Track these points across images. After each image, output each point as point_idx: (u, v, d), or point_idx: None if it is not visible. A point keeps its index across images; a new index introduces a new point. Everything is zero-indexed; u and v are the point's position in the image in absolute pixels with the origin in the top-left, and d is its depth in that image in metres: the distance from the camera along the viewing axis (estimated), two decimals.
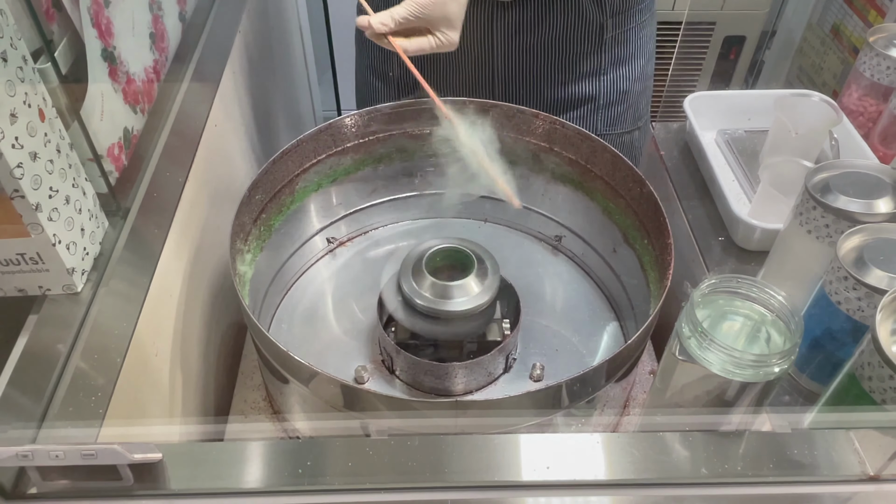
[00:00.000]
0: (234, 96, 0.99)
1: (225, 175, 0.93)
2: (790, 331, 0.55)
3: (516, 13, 0.89)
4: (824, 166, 0.69)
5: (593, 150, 0.85)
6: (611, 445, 0.52)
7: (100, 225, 0.65)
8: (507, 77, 0.93)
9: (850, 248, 0.62)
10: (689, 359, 0.55)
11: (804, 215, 0.68)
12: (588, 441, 0.52)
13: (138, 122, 0.73)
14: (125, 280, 0.66)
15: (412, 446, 0.52)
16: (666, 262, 0.72)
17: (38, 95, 0.55)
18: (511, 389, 0.80)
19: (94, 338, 0.61)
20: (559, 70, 0.93)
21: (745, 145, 0.94)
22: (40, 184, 0.55)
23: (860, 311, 0.61)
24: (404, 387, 0.80)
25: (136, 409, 0.64)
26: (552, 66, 0.92)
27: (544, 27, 0.89)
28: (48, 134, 0.56)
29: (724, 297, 0.58)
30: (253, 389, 0.83)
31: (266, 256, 0.84)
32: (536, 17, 0.88)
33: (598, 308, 0.90)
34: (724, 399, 0.55)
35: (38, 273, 0.60)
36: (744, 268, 0.82)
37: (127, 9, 0.70)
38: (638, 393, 0.83)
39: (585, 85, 0.94)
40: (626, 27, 0.91)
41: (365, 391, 0.62)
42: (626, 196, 0.83)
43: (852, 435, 0.53)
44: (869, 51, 0.89)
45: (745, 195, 0.88)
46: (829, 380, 0.64)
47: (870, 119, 0.92)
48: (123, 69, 0.69)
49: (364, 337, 0.86)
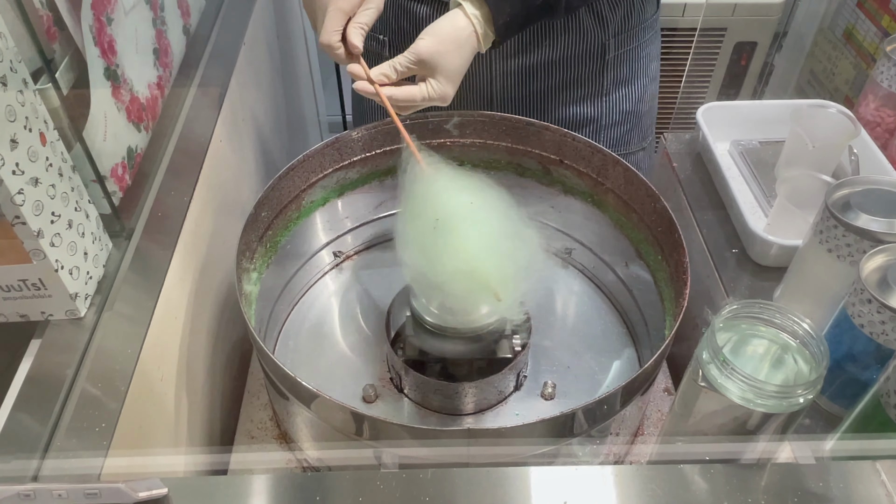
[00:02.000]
0: (239, 109, 0.97)
1: (231, 190, 0.91)
2: (815, 359, 0.53)
3: None
4: (845, 182, 0.67)
5: (604, 163, 0.83)
6: (630, 478, 0.51)
7: (103, 247, 0.64)
8: (507, 97, 0.91)
9: (873, 269, 0.60)
10: (709, 386, 0.54)
11: (824, 234, 0.66)
12: (606, 474, 0.51)
13: (142, 141, 0.72)
14: (130, 302, 0.65)
15: (424, 480, 0.50)
16: (682, 280, 0.70)
17: (39, 119, 0.54)
18: (522, 408, 0.79)
19: (99, 363, 0.60)
20: (560, 91, 0.91)
21: (760, 156, 0.92)
22: (42, 209, 0.54)
23: (884, 334, 0.59)
24: (413, 406, 0.79)
25: (142, 435, 0.63)
26: (553, 87, 0.90)
27: (545, 47, 0.87)
28: (49, 158, 0.55)
29: (746, 321, 0.56)
30: (259, 409, 0.81)
31: (272, 273, 0.83)
32: (537, 36, 0.86)
33: (609, 323, 0.89)
34: (745, 428, 0.54)
35: (41, 299, 0.58)
36: (760, 284, 0.80)
37: (130, 26, 0.69)
38: (652, 412, 0.81)
39: (588, 106, 0.92)
40: (629, 47, 0.89)
41: (371, 417, 0.60)
42: (638, 210, 0.81)
43: (878, 466, 0.51)
44: (886, 60, 0.87)
45: (761, 209, 0.86)
46: (850, 402, 0.62)
47: (887, 130, 0.90)
48: (127, 87, 0.68)
49: (372, 354, 0.84)
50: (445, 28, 0.71)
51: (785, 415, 0.52)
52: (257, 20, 1.11)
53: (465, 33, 0.71)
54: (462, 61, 0.71)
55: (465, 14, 0.71)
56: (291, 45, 1.46)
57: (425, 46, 0.69)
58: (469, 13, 0.71)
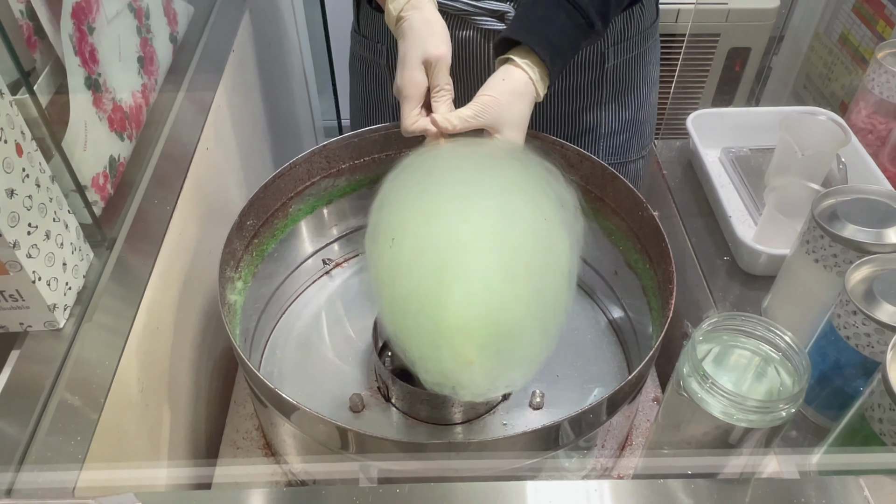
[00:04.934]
0: (227, 116, 0.97)
1: (217, 198, 0.91)
2: (798, 372, 0.52)
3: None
4: (832, 192, 0.66)
5: (593, 171, 0.83)
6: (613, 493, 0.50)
7: (84, 257, 0.64)
8: None
9: (859, 280, 0.60)
10: (690, 399, 0.53)
11: (811, 243, 0.66)
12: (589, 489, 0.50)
13: (125, 150, 0.71)
14: (110, 313, 0.64)
15: (402, 494, 0.50)
16: (668, 290, 0.69)
17: (15, 129, 0.53)
18: (510, 418, 0.78)
19: (77, 374, 0.60)
20: (559, 100, 0.90)
21: (751, 164, 0.91)
22: (17, 220, 0.53)
23: (870, 346, 0.58)
24: (401, 416, 0.78)
25: (120, 447, 0.62)
26: (552, 96, 0.90)
27: None
28: (26, 169, 0.54)
29: (727, 333, 0.55)
30: (245, 419, 0.81)
31: (259, 282, 0.82)
32: None
33: (599, 332, 0.88)
34: (728, 442, 0.53)
35: (19, 310, 0.58)
36: (749, 293, 0.80)
37: (113, 34, 0.68)
38: (641, 422, 0.80)
39: (587, 115, 0.92)
40: (628, 55, 0.88)
41: (354, 431, 0.60)
42: (626, 219, 0.81)
43: (862, 482, 0.50)
44: (877, 67, 0.86)
45: (751, 217, 0.85)
46: (837, 414, 0.61)
47: (879, 137, 0.89)
48: (109, 96, 0.68)
49: (360, 363, 0.84)
50: (503, 80, 0.69)
51: (766, 429, 0.51)
52: (247, 27, 1.10)
53: (522, 82, 0.69)
54: (525, 112, 0.70)
55: (517, 66, 0.70)
56: (285, 51, 1.46)
57: (491, 102, 0.68)
58: (521, 64, 0.70)
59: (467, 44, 0.84)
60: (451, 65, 0.69)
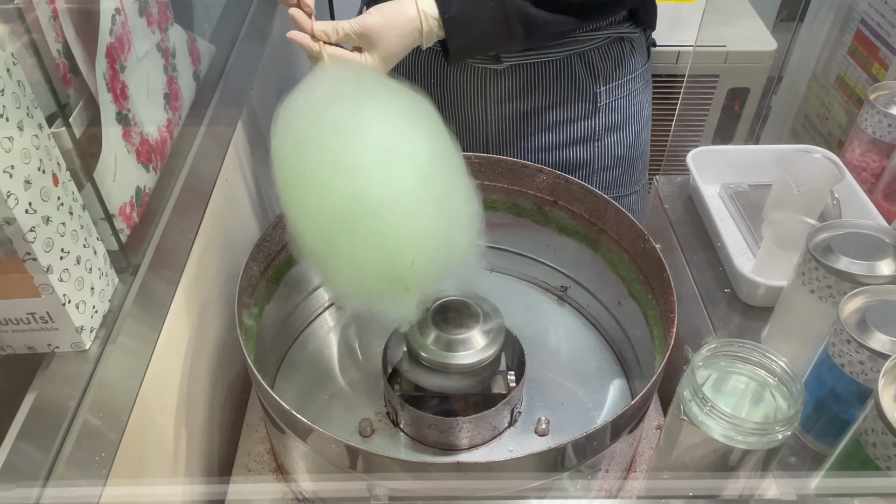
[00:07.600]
0: (245, 149, 1.01)
1: (236, 227, 0.94)
2: (793, 396, 0.54)
3: (509, 80, 0.91)
4: (826, 226, 0.69)
5: (597, 205, 0.86)
6: None
7: (109, 283, 0.67)
8: (502, 141, 0.95)
9: (853, 311, 0.62)
10: (690, 422, 0.55)
11: (806, 275, 0.68)
12: None
13: (150, 181, 0.75)
14: (133, 336, 0.67)
15: None
16: (670, 319, 0.72)
17: (52, 160, 0.57)
18: (516, 444, 0.80)
19: (101, 394, 0.62)
20: (553, 136, 0.94)
21: (749, 199, 0.94)
22: (52, 246, 0.57)
23: (864, 374, 0.61)
24: (409, 441, 0.80)
25: (140, 465, 0.64)
26: (545, 133, 0.94)
27: (537, 94, 0.90)
28: (61, 197, 0.58)
29: (725, 359, 0.58)
30: (258, 442, 0.83)
31: (273, 308, 0.85)
32: (529, 84, 0.90)
33: (604, 360, 0.90)
34: (727, 464, 0.55)
35: (48, 331, 0.61)
36: (749, 323, 0.82)
37: (142, 73, 0.72)
38: (644, 449, 0.82)
39: (579, 151, 0.95)
40: (620, 95, 0.93)
41: (364, 451, 0.62)
42: (629, 250, 0.84)
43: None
44: (870, 108, 0.90)
45: (750, 250, 0.88)
46: (834, 440, 0.63)
47: (873, 174, 0.92)
48: (137, 130, 0.71)
49: (370, 388, 0.86)
50: (395, 13, 0.72)
51: (764, 450, 0.53)
52: (267, 65, 1.15)
53: (410, 25, 0.72)
54: (401, 49, 0.73)
55: (416, 6, 0.73)
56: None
57: (372, 22, 0.71)
58: (420, 7, 0.73)
59: (462, 82, 0.88)
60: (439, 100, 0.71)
